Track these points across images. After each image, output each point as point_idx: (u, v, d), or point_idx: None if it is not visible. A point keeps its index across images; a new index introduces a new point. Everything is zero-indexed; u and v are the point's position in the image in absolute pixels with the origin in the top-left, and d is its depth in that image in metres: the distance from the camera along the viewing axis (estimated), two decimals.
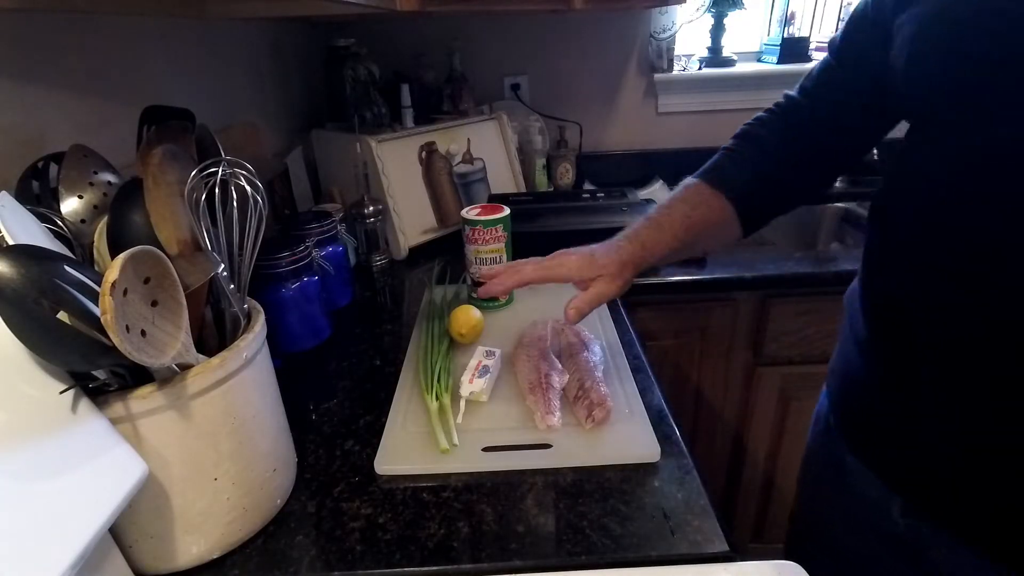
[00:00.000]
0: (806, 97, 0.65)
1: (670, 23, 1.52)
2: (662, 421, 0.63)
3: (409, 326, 0.86)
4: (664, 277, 1.05)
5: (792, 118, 0.66)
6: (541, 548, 0.49)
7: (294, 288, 0.78)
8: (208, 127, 0.54)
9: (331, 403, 0.70)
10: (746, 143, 0.68)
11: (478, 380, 0.66)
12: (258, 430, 0.50)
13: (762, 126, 0.68)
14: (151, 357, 0.38)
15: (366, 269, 1.10)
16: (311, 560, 0.49)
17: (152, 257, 0.39)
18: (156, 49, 0.80)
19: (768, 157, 0.66)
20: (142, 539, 0.46)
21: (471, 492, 0.55)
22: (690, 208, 0.66)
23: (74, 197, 0.48)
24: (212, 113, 0.94)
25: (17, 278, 0.34)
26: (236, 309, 0.51)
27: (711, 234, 0.68)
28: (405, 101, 1.19)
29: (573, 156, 1.53)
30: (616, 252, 0.65)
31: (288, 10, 0.94)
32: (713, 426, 1.22)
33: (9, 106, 0.56)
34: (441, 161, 1.21)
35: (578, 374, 0.67)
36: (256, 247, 0.52)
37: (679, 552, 0.48)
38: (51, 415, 0.38)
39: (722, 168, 0.68)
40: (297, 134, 1.29)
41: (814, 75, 0.64)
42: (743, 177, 0.66)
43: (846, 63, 0.60)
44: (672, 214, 0.67)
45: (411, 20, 1.46)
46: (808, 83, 0.65)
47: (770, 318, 1.10)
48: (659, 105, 1.60)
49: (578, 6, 1.16)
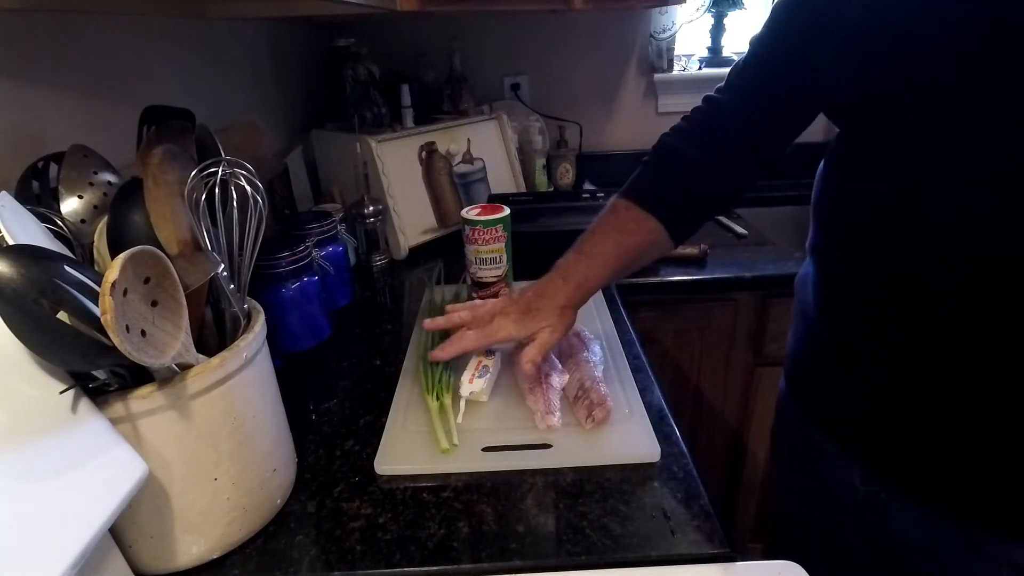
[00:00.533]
0: (731, 93, 0.65)
1: (670, 23, 1.52)
2: (662, 421, 0.63)
3: (409, 326, 0.86)
4: (664, 277, 1.05)
5: (714, 120, 0.66)
6: (541, 548, 0.49)
7: (294, 288, 0.78)
8: (208, 127, 0.54)
9: (331, 403, 0.70)
10: (670, 158, 0.68)
11: (478, 380, 0.66)
12: (258, 430, 0.50)
13: (682, 137, 0.68)
14: (151, 357, 0.38)
15: (366, 269, 1.10)
16: (311, 560, 0.49)
17: (152, 257, 0.39)
18: (156, 49, 0.80)
19: (692, 170, 0.67)
20: (142, 539, 0.46)
21: (471, 492, 0.55)
22: (621, 235, 0.67)
23: (74, 197, 0.48)
24: (212, 113, 0.94)
25: (17, 278, 0.34)
26: (236, 309, 0.51)
27: (644, 255, 0.70)
28: (405, 101, 1.19)
29: (573, 156, 1.53)
30: (550, 298, 0.66)
31: (288, 10, 0.94)
32: (713, 426, 1.22)
33: (9, 106, 0.56)
34: (441, 161, 1.21)
35: (578, 374, 0.67)
36: (256, 247, 0.52)
37: (679, 552, 0.48)
38: (51, 415, 0.38)
39: (650, 188, 0.69)
40: (297, 134, 1.29)
41: (740, 69, 0.64)
42: (673, 197, 0.67)
43: (776, 58, 0.61)
44: (605, 244, 0.67)
45: (411, 20, 1.46)
46: (735, 79, 0.65)
47: (770, 318, 1.10)
48: (659, 105, 1.60)
49: (578, 6, 1.16)
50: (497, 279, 0.87)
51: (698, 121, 0.68)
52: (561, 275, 0.67)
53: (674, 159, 0.68)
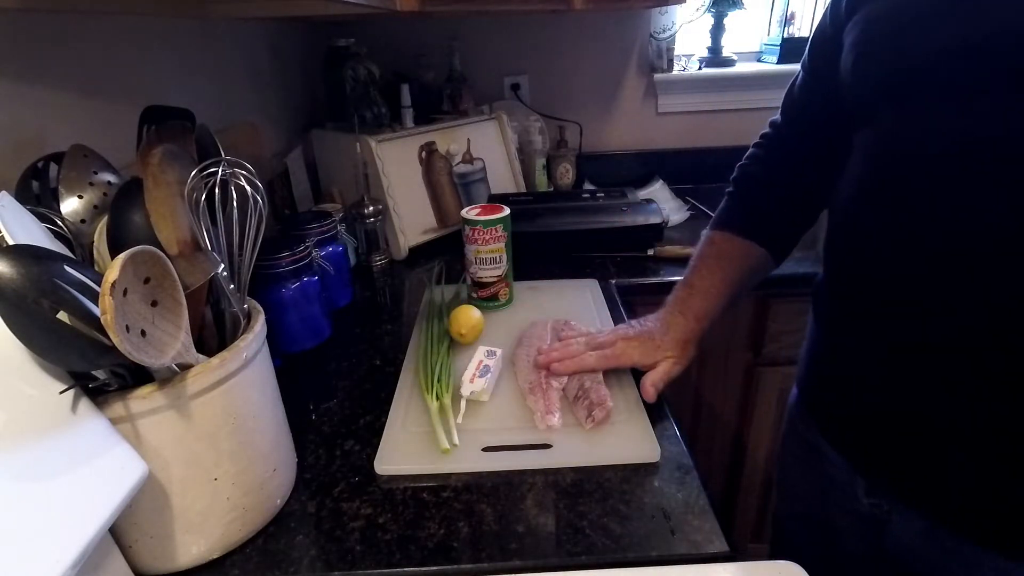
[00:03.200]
0: (785, 115, 0.69)
1: (670, 23, 1.52)
2: (662, 421, 0.63)
3: (409, 326, 0.86)
4: (664, 277, 1.05)
5: (775, 144, 0.70)
6: (541, 548, 0.49)
7: (294, 288, 0.78)
8: (208, 127, 0.54)
9: (331, 403, 0.70)
10: (751, 186, 0.72)
11: (479, 380, 0.66)
12: (258, 430, 0.50)
13: (758, 164, 0.72)
14: (151, 357, 0.38)
15: (366, 269, 1.10)
16: (311, 560, 0.49)
17: (152, 257, 0.39)
18: (156, 49, 0.80)
19: (776, 193, 0.70)
20: (142, 539, 0.46)
21: (471, 492, 0.55)
22: (727, 264, 0.70)
23: (74, 197, 0.48)
24: (212, 113, 0.93)
25: (17, 278, 0.34)
26: (236, 309, 0.51)
27: (750, 280, 0.71)
28: (405, 101, 1.19)
29: (573, 156, 1.53)
30: (672, 331, 0.68)
31: (288, 10, 0.94)
32: (713, 426, 1.22)
33: (9, 106, 0.56)
34: (441, 161, 1.21)
35: (578, 374, 0.67)
36: (256, 247, 0.52)
37: (679, 552, 0.48)
38: (51, 415, 0.38)
39: (743, 216, 0.71)
40: (297, 134, 1.29)
41: (792, 92, 0.68)
42: (766, 221, 0.70)
43: (816, 77, 0.63)
44: (712, 277, 0.69)
45: (411, 20, 1.46)
46: (787, 99, 0.69)
47: (770, 318, 1.10)
48: (659, 105, 1.60)
49: (578, 6, 1.15)
50: (497, 279, 0.87)
51: (765, 147, 0.72)
52: (679, 310, 0.69)
53: (755, 186, 0.71)
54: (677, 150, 1.60)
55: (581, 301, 0.91)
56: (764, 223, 0.70)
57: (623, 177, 1.56)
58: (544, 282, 0.97)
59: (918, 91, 0.47)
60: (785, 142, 0.70)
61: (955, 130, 0.44)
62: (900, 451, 0.53)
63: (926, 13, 0.46)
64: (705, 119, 1.60)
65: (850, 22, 0.54)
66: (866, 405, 0.56)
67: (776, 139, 0.71)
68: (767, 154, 0.71)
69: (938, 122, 0.45)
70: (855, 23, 0.53)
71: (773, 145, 0.71)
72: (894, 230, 0.49)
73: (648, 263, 1.09)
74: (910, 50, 0.47)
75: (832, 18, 0.59)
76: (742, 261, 0.70)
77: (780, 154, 0.70)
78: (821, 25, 0.61)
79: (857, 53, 0.52)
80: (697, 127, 1.61)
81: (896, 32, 0.48)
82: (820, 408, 0.64)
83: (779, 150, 0.70)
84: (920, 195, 0.47)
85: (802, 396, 0.68)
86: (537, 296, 0.92)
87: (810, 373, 0.66)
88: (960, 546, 0.50)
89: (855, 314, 0.56)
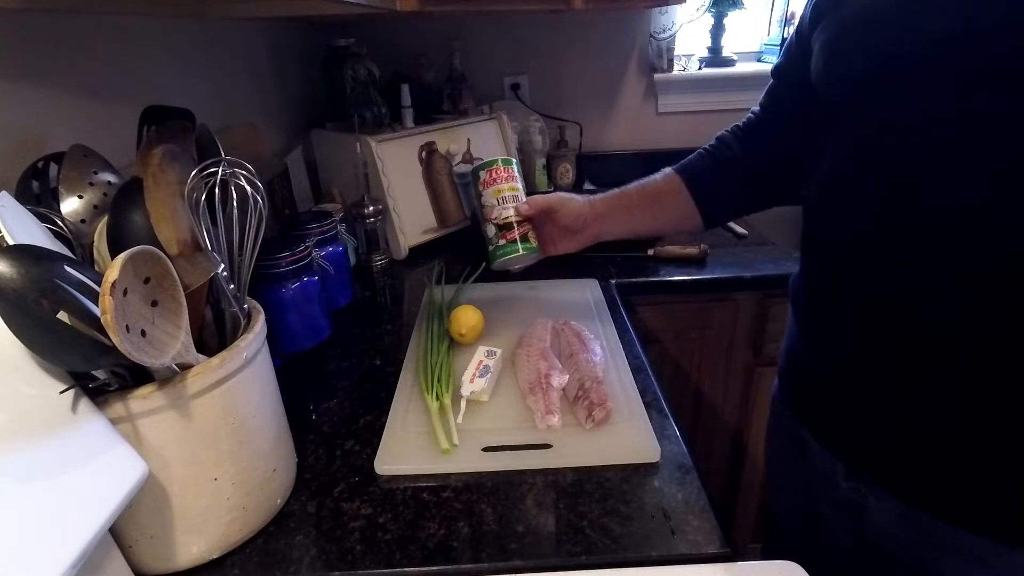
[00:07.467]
0: (763, 112, 0.73)
1: (670, 23, 1.52)
2: (662, 421, 0.63)
3: (409, 326, 0.86)
4: (664, 277, 1.05)
5: (752, 126, 0.74)
6: (541, 548, 0.49)
7: (294, 288, 0.78)
8: (208, 127, 0.54)
9: (331, 403, 0.70)
10: (720, 148, 0.76)
11: (479, 380, 0.66)
12: (258, 430, 0.50)
13: (734, 135, 0.76)
14: (151, 357, 0.38)
15: (366, 269, 1.10)
16: (311, 560, 0.49)
17: (152, 257, 0.39)
18: (156, 49, 0.80)
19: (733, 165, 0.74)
20: (142, 539, 0.46)
21: (471, 492, 0.55)
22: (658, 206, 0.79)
23: (74, 197, 0.48)
24: (212, 113, 0.93)
25: (17, 278, 0.34)
26: (236, 309, 0.51)
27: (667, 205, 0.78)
28: (405, 101, 1.19)
29: (573, 156, 1.53)
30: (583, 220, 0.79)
31: (288, 10, 0.94)
32: (713, 426, 1.22)
33: (9, 106, 0.56)
34: (441, 161, 1.21)
35: (578, 374, 0.67)
36: (256, 247, 0.52)
37: (679, 552, 0.48)
38: (51, 415, 0.38)
39: (698, 169, 0.77)
40: (297, 134, 1.29)
41: (765, 95, 0.72)
42: (708, 175, 0.76)
43: (786, 82, 0.68)
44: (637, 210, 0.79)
45: (411, 20, 1.46)
46: (763, 99, 0.73)
47: (770, 318, 1.10)
48: (659, 105, 1.60)
49: (578, 6, 1.15)
50: (523, 218, 0.79)
51: (748, 124, 0.75)
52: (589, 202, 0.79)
53: (723, 150, 0.76)
54: (677, 150, 1.59)
55: (581, 301, 0.91)
56: (709, 183, 0.76)
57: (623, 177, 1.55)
58: (544, 282, 0.97)
59: (889, 89, 0.48)
60: (755, 127, 0.73)
61: (925, 127, 0.45)
62: (875, 435, 0.54)
63: (895, 15, 0.47)
64: (705, 119, 1.60)
65: (817, 28, 0.56)
66: (841, 392, 0.57)
67: (749, 122, 0.75)
68: (744, 130, 0.75)
69: (909, 120, 0.46)
70: (823, 28, 0.55)
71: (747, 126, 0.75)
72: (865, 226, 0.51)
73: (648, 263, 1.09)
74: (881, 49, 0.48)
75: (798, 28, 0.62)
76: (665, 185, 0.78)
77: (750, 136, 0.74)
78: (792, 35, 0.65)
79: (828, 54, 0.54)
80: (697, 127, 1.61)
81: (867, 32, 0.50)
82: (800, 397, 0.66)
83: (750, 132, 0.74)
84: (890, 191, 0.48)
85: (783, 387, 0.70)
86: (537, 296, 0.92)
87: (789, 364, 0.67)
88: (936, 528, 0.51)
89: (828, 307, 0.57)
